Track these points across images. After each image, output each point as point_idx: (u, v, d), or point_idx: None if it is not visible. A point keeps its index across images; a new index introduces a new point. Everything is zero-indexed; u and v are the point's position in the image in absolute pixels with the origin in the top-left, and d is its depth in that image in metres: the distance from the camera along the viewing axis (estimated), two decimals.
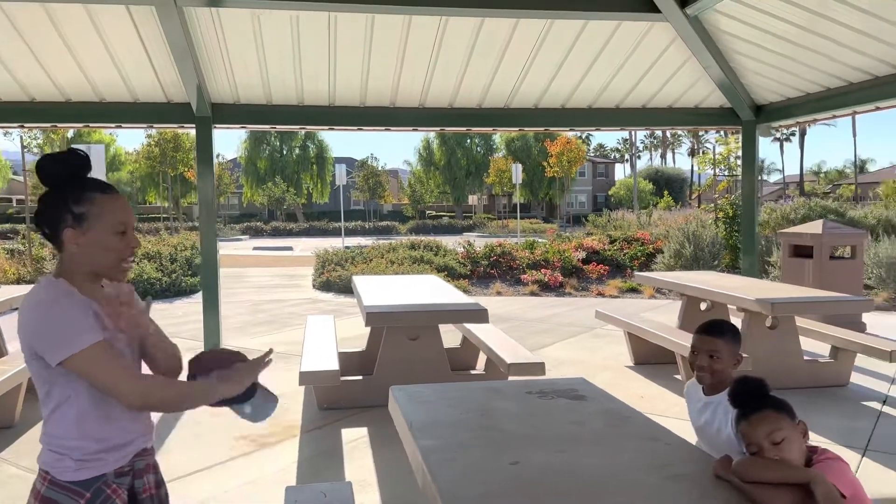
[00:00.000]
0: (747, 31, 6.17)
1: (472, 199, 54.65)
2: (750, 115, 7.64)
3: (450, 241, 17.00)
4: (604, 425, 2.34)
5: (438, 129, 7.84)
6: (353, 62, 6.53)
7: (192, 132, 7.35)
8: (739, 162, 16.68)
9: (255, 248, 25.36)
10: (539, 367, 4.75)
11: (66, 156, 1.73)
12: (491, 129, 7.90)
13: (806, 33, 5.80)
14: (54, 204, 1.72)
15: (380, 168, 54.75)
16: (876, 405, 5.19)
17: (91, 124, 7.02)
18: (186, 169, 38.55)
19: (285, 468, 4.11)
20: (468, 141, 55.69)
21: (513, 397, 2.66)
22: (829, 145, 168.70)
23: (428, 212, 56.69)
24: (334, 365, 4.77)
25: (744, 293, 5.54)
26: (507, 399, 2.64)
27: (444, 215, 54.46)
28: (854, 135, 72.16)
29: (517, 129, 7.98)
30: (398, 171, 69.71)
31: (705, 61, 6.78)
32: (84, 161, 1.73)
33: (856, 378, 5.88)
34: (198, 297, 11.34)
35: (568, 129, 8.03)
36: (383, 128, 7.58)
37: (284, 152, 55.68)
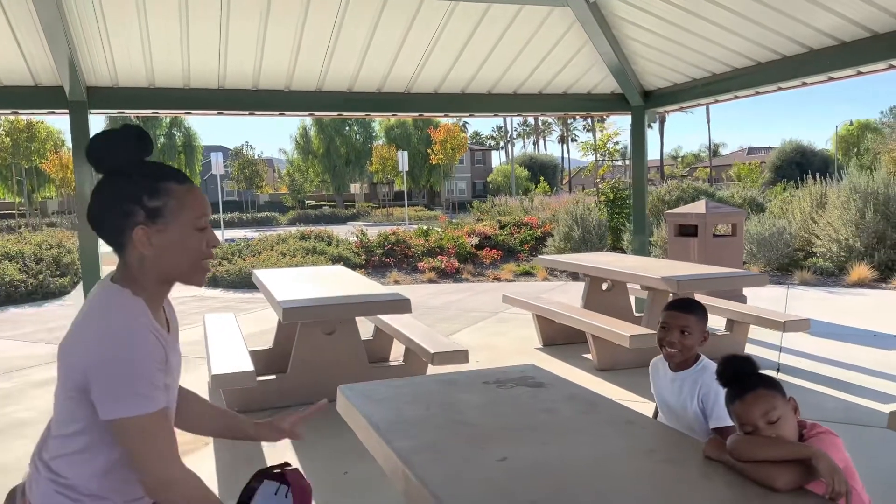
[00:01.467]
0: (640, 16, 6.34)
1: (355, 188, 54.01)
2: (639, 101, 7.91)
3: (339, 231, 16.65)
4: (575, 412, 2.28)
5: (336, 114, 7.56)
6: (246, 42, 6.15)
7: (46, 119, 6.68)
8: (618, 147, 17.55)
9: None
10: (463, 355, 4.69)
11: (130, 134, 1.42)
12: (391, 114, 7.74)
13: (692, 17, 6.01)
14: (122, 196, 1.41)
15: (255, 157, 52.90)
16: (771, 373, 5.53)
17: None
18: (42, 161, 35.39)
19: (206, 478, 3.79)
20: (347, 128, 54.91)
21: (472, 389, 2.56)
22: (685, 131, 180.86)
23: (308, 201, 55.44)
24: (248, 365, 4.48)
25: (647, 272, 5.73)
26: (466, 391, 2.53)
27: (325, 205, 53.48)
28: (708, 121, 77.75)
29: (417, 114, 7.86)
30: (272, 160, 67.64)
31: (601, 47, 6.93)
32: (150, 141, 1.44)
33: (748, 348, 6.25)
34: (70, 299, 10.40)
35: (467, 114, 7.99)
36: (277, 112, 7.24)
37: None
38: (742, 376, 1.85)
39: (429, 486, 1.73)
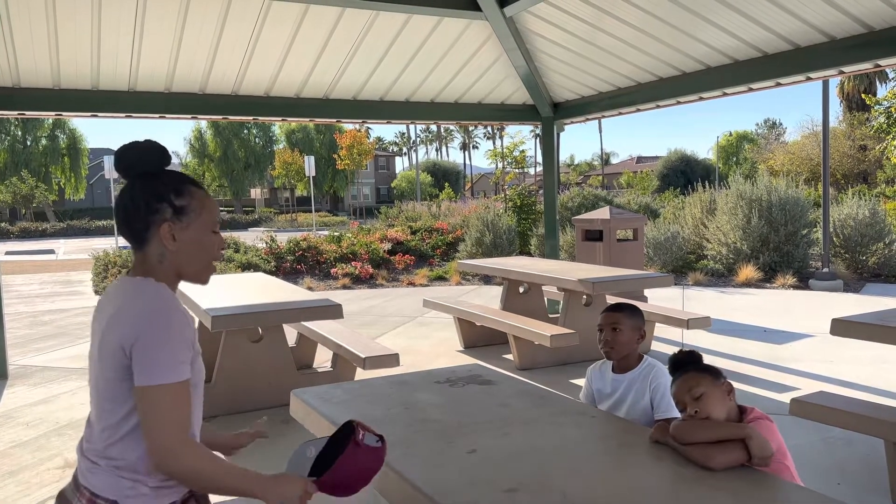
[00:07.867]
0: (551, 31, 6.64)
1: (255, 193, 52.53)
2: (549, 112, 8.25)
3: (243, 237, 16.26)
4: (529, 406, 2.44)
5: (252, 118, 7.47)
6: (161, 43, 5.99)
7: None
8: (525, 155, 18.17)
9: (7, 253, 22.15)
10: (394, 359, 4.77)
11: (155, 147, 1.58)
12: (308, 119, 7.71)
13: (599, 33, 6.34)
14: (152, 194, 1.53)
15: None
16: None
17: None
18: None
19: None
20: (245, 131, 53.48)
21: (426, 388, 2.67)
22: (578, 140, 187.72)
23: None
24: None
25: (564, 275, 6.01)
26: (421, 391, 2.64)
27: (223, 210, 51.86)
28: (600, 131, 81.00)
29: (334, 119, 7.87)
30: None
31: (515, 60, 7.20)
32: (169, 155, 1.61)
33: (653, 345, 6.66)
34: None
35: (385, 121, 8.08)
36: (190, 116, 7.08)
37: (29, 143, 49.28)
38: (682, 363, 2.08)
39: (408, 478, 1.83)
